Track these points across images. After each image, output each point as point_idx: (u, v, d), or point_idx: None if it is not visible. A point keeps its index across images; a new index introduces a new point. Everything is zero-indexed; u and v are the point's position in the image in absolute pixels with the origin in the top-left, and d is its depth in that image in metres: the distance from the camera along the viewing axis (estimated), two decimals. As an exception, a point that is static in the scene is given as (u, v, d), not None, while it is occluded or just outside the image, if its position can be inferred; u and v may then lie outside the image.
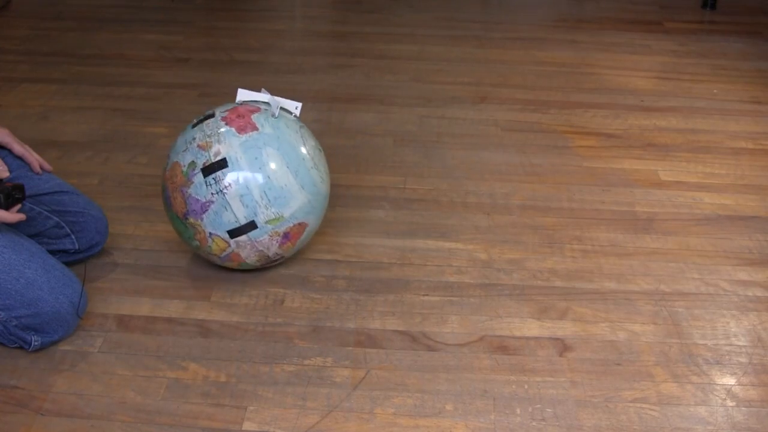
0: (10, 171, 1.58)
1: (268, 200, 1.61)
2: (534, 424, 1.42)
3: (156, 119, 2.46)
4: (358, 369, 1.53)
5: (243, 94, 1.72)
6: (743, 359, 1.57)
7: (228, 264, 1.71)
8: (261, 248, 1.65)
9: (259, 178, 1.60)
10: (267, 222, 1.62)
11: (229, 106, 1.69)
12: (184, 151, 1.64)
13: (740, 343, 1.61)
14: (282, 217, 1.63)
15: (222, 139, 1.62)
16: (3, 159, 1.58)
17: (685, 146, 2.35)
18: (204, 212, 1.62)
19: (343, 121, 2.47)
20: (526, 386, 1.50)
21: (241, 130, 1.63)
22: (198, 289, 1.73)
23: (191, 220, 1.64)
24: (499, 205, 2.05)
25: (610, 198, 2.09)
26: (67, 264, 1.69)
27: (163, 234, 1.91)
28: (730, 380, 1.52)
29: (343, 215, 1.99)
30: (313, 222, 1.70)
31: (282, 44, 3.09)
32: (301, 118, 2.47)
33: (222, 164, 1.59)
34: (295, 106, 1.73)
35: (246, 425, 1.40)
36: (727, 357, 1.58)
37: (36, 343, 1.52)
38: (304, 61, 2.92)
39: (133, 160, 2.23)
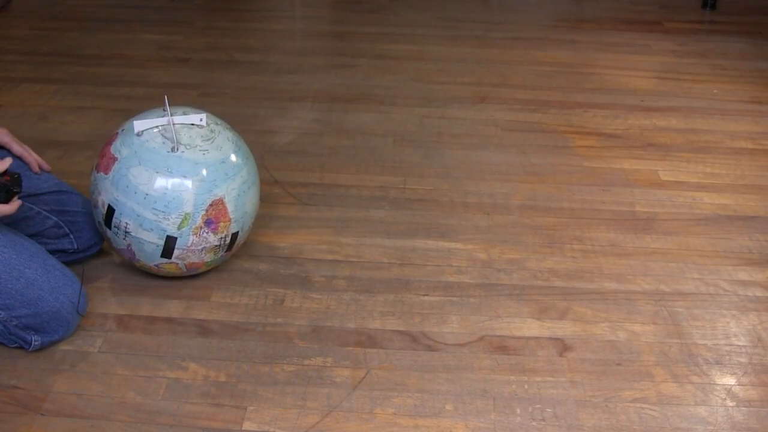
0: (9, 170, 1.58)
1: (163, 211, 1.57)
2: (534, 424, 1.42)
3: (156, 119, 2.46)
4: (358, 369, 1.53)
5: (139, 125, 1.63)
6: (743, 359, 1.57)
7: (199, 271, 1.71)
8: (200, 246, 1.63)
9: (140, 199, 1.57)
10: (179, 228, 1.59)
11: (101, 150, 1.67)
12: (95, 209, 1.67)
13: (740, 343, 1.61)
14: (187, 213, 1.58)
15: (100, 188, 1.62)
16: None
17: (685, 146, 2.35)
18: (133, 255, 1.65)
19: (343, 121, 2.47)
20: (526, 386, 1.49)
21: (105, 169, 1.62)
22: (198, 289, 1.73)
23: (136, 264, 1.69)
24: (499, 205, 2.05)
25: (610, 198, 2.09)
26: (66, 264, 1.69)
27: (163, 234, 1.90)
28: (730, 380, 1.52)
29: (343, 215, 1.99)
30: (229, 189, 1.62)
31: (282, 44, 3.09)
32: (303, 118, 2.48)
33: (110, 211, 1.60)
34: (199, 118, 1.65)
35: (246, 425, 1.40)
36: (727, 357, 1.58)
37: (36, 343, 1.52)
38: (304, 61, 2.92)
39: (133, 160, 2.22)
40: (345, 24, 3.33)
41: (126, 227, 1.59)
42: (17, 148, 1.65)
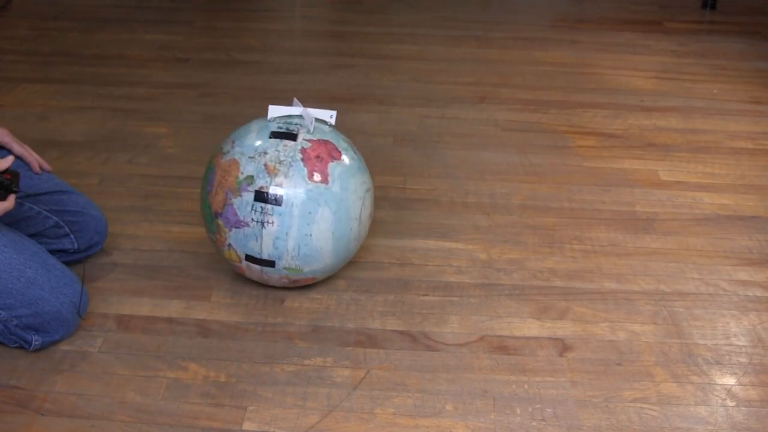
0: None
1: (298, 254, 1.59)
2: (534, 424, 1.42)
3: (156, 119, 2.46)
4: (358, 369, 1.53)
5: (273, 110, 1.64)
6: (743, 359, 1.57)
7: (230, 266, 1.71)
8: (266, 279, 1.66)
9: (302, 232, 1.57)
10: (285, 268, 1.61)
11: (317, 135, 1.61)
12: (250, 157, 1.58)
13: (740, 343, 1.61)
14: (301, 270, 1.62)
15: (290, 174, 1.56)
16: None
17: (685, 146, 2.35)
18: (235, 227, 1.59)
19: (343, 121, 2.47)
20: (526, 386, 1.49)
21: (312, 176, 1.57)
22: (198, 289, 1.73)
23: (220, 222, 1.61)
24: (499, 205, 2.05)
25: (610, 198, 2.09)
26: (66, 264, 1.69)
27: (163, 234, 1.91)
28: (730, 380, 1.52)
29: (343, 215, 1.99)
30: (323, 276, 1.69)
31: (282, 44, 3.09)
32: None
33: (277, 201, 1.55)
34: (329, 115, 1.67)
35: (246, 425, 1.40)
36: (727, 357, 1.58)
37: (36, 343, 1.52)
38: (304, 61, 2.92)
39: (133, 160, 2.23)
40: (345, 24, 3.33)
41: (267, 222, 1.57)
42: (18, 148, 1.65)
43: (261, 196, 1.56)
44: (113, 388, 1.47)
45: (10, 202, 1.46)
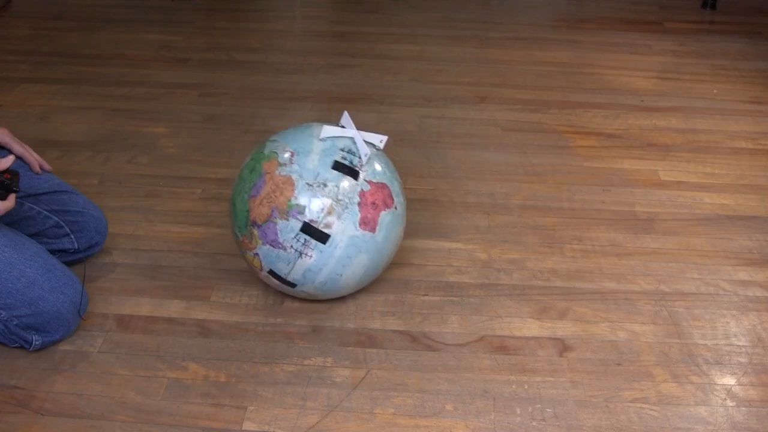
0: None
1: (323, 286, 1.59)
2: (534, 424, 1.42)
3: (156, 119, 2.46)
4: (358, 369, 1.53)
5: (327, 131, 1.58)
6: (743, 359, 1.57)
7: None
8: (282, 291, 1.66)
9: (335, 272, 1.56)
10: (304, 290, 1.61)
11: (377, 176, 1.57)
12: (308, 184, 1.52)
13: (740, 343, 1.61)
14: (318, 297, 1.64)
15: (344, 216, 1.52)
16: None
17: (685, 146, 2.35)
18: (271, 245, 1.54)
19: (343, 121, 2.47)
20: (526, 386, 1.49)
21: (363, 223, 1.54)
22: (198, 289, 1.73)
23: (255, 232, 1.55)
24: (499, 205, 2.05)
25: (610, 198, 2.09)
26: (67, 264, 1.69)
27: (163, 234, 1.91)
28: (730, 380, 1.52)
29: (343, 215, 1.99)
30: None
31: (282, 44, 3.09)
32: (303, 118, 2.47)
33: (323, 238, 1.52)
34: (379, 140, 1.63)
35: (246, 425, 1.40)
36: (727, 357, 1.58)
37: (37, 343, 1.52)
38: (304, 61, 2.92)
39: (133, 160, 2.23)
40: (345, 24, 3.33)
41: (305, 254, 1.54)
42: (18, 148, 1.65)
43: (308, 229, 1.52)
44: (113, 388, 1.47)
45: (10, 201, 1.46)
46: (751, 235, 1.95)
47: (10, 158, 1.47)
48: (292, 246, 1.53)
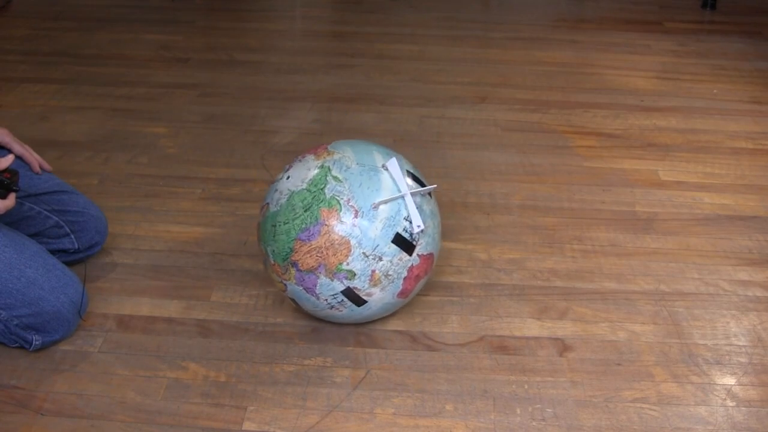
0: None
1: (339, 321, 1.60)
2: (534, 424, 1.42)
3: (156, 119, 2.46)
4: (358, 369, 1.53)
5: (382, 200, 1.48)
6: (743, 359, 1.57)
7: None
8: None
9: (356, 320, 1.57)
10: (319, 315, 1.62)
11: (427, 248, 1.52)
12: (365, 254, 1.46)
13: (740, 343, 1.61)
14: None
15: (386, 288, 1.50)
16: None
17: (685, 146, 2.35)
18: (305, 290, 1.50)
19: (343, 121, 2.47)
20: (526, 386, 1.49)
21: (402, 294, 1.53)
22: (198, 289, 1.73)
23: (293, 271, 1.49)
24: (499, 205, 2.05)
25: (610, 198, 2.09)
26: (67, 264, 1.69)
27: (163, 234, 1.91)
28: (730, 380, 1.52)
29: (343, 215, 1.99)
30: None
31: (282, 44, 3.09)
32: (303, 118, 2.48)
33: (359, 303, 1.51)
34: (429, 191, 1.57)
35: (246, 425, 1.40)
36: (727, 357, 1.58)
37: (37, 343, 1.52)
38: (304, 61, 2.92)
39: (133, 160, 2.23)
40: (345, 24, 3.33)
41: (337, 309, 1.54)
42: (18, 148, 1.65)
43: (349, 294, 1.49)
44: (113, 388, 1.47)
45: (11, 200, 1.46)
46: (751, 235, 1.95)
47: (10, 157, 1.47)
48: (326, 300, 1.51)
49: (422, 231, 1.51)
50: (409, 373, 1.52)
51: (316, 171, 1.50)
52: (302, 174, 1.51)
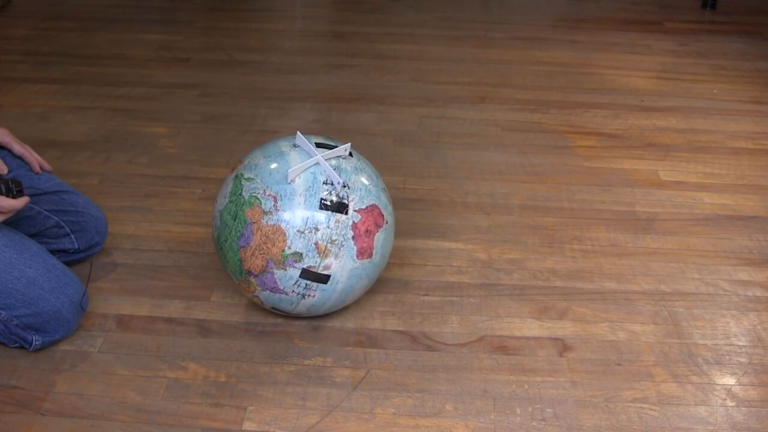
0: (10, 171, 1.59)
1: (327, 311, 1.60)
2: (534, 424, 1.42)
3: (156, 119, 2.46)
4: (358, 369, 1.53)
5: (294, 169, 1.48)
6: (743, 359, 1.57)
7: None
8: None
9: (339, 300, 1.56)
10: (309, 317, 1.63)
11: (365, 201, 1.52)
12: (299, 231, 1.46)
13: (740, 343, 1.61)
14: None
15: (340, 254, 1.49)
16: (3, 159, 1.58)
17: (685, 146, 2.35)
18: (271, 292, 1.52)
19: (343, 121, 2.47)
20: (526, 386, 1.50)
21: (360, 254, 1.51)
22: (198, 289, 1.73)
23: (253, 280, 1.52)
24: (499, 205, 2.05)
25: (610, 198, 2.09)
26: (67, 264, 1.69)
27: (163, 234, 1.91)
28: (730, 380, 1.52)
29: (343, 215, 1.99)
30: None
31: (282, 44, 3.09)
32: (303, 118, 2.48)
33: (323, 280, 1.50)
34: (344, 149, 1.56)
35: (246, 425, 1.40)
36: (727, 357, 1.58)
37: (37, 343, 1.52)
38: (304, 61, 2.92)
39: (133, 160, 2.23)
40: (345, 24, 3.33)
41: (308, 296, 1.53)
42: (18, 148, 1.66)
43: (308, 275, 1.49)
44: (113, 388, 1.47)
45: (19, 201, 1.46)
46: (751, 235, 1.95)
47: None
48: (293, 290, 1.51)
49: (347, 186, 1.50)
50: (409, 373, 1.52)
51: (233, 182, 1.55)
52: (224, 191, 1.56)
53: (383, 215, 1.56)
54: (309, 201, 1.48)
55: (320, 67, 2.87)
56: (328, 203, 1.48)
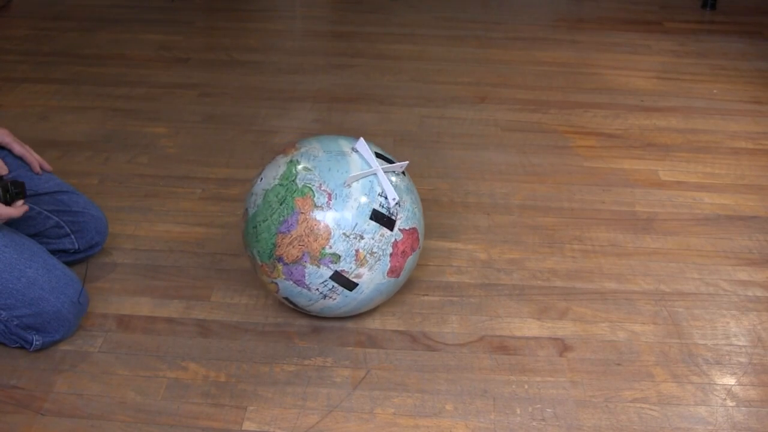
0: (10, 171, 1.59)
1: (337, 316, 1.60)
2: (534, 424, 1.42)
3: (156, 119, 2.46)
4: (358, 369, 1.53)
5: (353, 174, 1.49)
6: (743, 359, 1.57)
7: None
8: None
9: (354, 308, 1.57)
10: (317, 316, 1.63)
11: (409, 222, 1.53)
12: (345, 235, 1.47)
13: (740, 343, 1.61)
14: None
15: (375, 267, 1.50)
16: (3, 159, 1.58)
17: (685, 146, 2.35)
18: (295, 283, 1.51)
19: (343, 121, 2.47)
20: (526, 386, 1.50)
21: (391, 272, 1.52)
22: (198, 289, 1.73)
23: (280, 267, 1.50)
24: (499, 205, 2.05)
25: (610, 198, 2.09)
26: (67, 264, 1.69)
27: (163, 234, 1.91)
28: (730, 380, 1.52)
29: (343, 215, 1.99)
30: None
31: (282, 44, 3.09)
32: (303, 118, 2.48)
33: (350, 287, 1.50)
34: (401, 167, 1.57)
35: (246, 425, 1.40)
36: (727, 357, 1.58)
37: (37, 343, 1.52)
38: (304, 61, 2.92)
39: (133, 160, 2.23)
40: (345, 24, 3.33)
41: (331, 297, 1.53)
42: (18, 148, 1.65)
43: (339, 278, 1.49)
44: (113, 388, 1.47)
45: (17, 209, 1.46)
46: (751, 235, 1.95)
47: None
48: (317, 289, 1.51)
49: (399, 204, 1.51)
50: (409, 373, 1.52)
51: (286, 166, 1.52)
52: (273, 172, 1.53)
53: (419, 240, 1.58)
54: (362, 208, 1.48)
55: (320, 67, 2.87)
56: (380, 216, 1.49)
